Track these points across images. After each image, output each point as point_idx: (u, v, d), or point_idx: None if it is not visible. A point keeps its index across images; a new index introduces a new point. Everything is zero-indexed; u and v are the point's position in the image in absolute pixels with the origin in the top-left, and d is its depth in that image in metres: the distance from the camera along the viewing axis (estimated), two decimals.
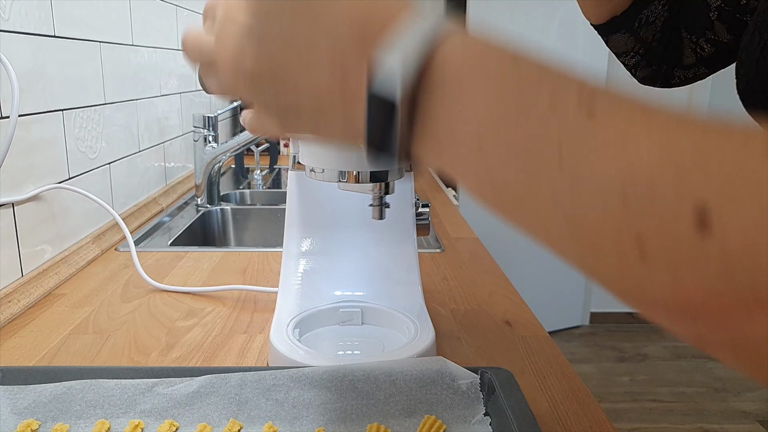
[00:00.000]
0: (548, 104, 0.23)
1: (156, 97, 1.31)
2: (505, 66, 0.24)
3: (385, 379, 0.49)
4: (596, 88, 0.23)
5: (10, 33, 0.75)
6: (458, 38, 0.26)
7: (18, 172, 0.77)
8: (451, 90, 0.25)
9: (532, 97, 0.23)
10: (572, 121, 0.22)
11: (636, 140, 0.20)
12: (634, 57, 0.61)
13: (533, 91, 0.23)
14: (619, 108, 0.22)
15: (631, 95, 0.22)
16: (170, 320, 0.72)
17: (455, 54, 0.25)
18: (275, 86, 0.29)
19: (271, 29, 0.28)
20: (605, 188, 0.21)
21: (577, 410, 0.54)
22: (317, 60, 0.27)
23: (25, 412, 0.48)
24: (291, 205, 0.67)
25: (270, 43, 0.28)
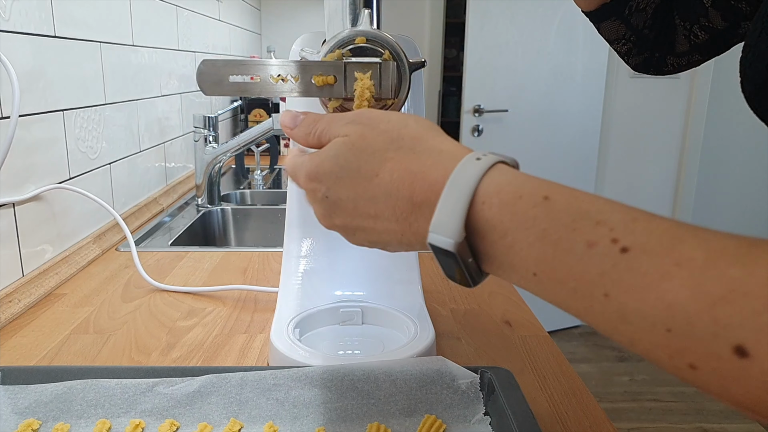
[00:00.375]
0: (584, 243, 0.26)
1: (156, 98, 1.31)
2: (539, 207, 0.28)
3: (385, 379, 0.50)
4: (626, 220, 0.26)
5: (11, 33, 0.75)
6: (492, 186, 0.30)
7: (18, 172, 0.78)
8: (496, 232, 0.29)
9: (569, 236, 0.27)
10: (609, 256, 0.25)
11: (669, 277, 0.23)
12: (625, 44, 0.61)
13: (568, 230, 0.27)
14: (649, 240, 0.24)
15: (662, 224, 0.25)
16: (171, 320, 0.73)
17: (493, 202, 0.30)
18: (358, 232, 0.37)
19: (342, 206, 0.36)
20: (650, 319, 0.24)
21: (576, 410, 0.54)
22: (384, 215, 0.34)
23: (26, 411, 0.48)
24: (291, 205, 0.67)
25: (344, 214, 0.36)
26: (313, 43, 0.57)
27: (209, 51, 1.79)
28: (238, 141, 1.25)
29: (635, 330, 0.24)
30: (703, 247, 0.23)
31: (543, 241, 0.27)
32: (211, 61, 0.41)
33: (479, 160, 0.31)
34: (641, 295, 0.24)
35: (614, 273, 0.25)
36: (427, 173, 0.33)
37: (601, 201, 0.27)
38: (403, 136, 0.35)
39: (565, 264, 0.27)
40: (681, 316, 0.22)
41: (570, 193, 0.28)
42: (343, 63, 0.41)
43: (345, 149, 0.36)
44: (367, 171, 0.35)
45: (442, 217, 0.31)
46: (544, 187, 0.29)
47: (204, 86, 0.41)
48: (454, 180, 0.31)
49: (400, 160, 0.34)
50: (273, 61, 0.41)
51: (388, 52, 0.42)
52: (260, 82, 0.41)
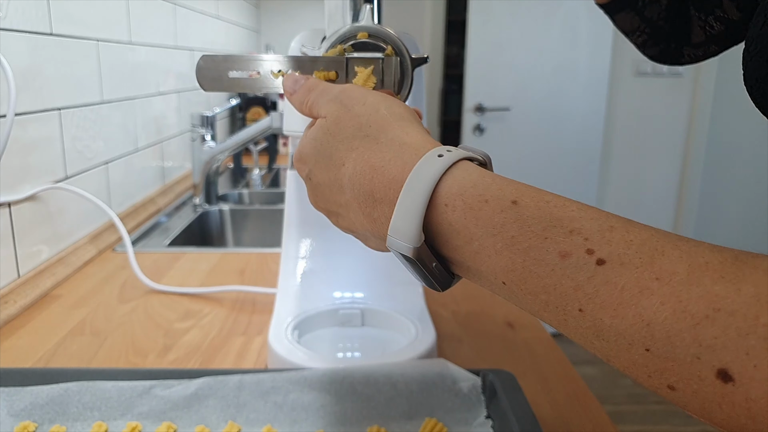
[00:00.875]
0: (557, 253, 0.24)
1: (153, 96, 1.31)
2: (507, 212, 0.26)
3: (385, 382, 0.49)
4: (603, 229, 0.24)
5: (7, 31, 0.74)
6: (455, 187, 0.28)
7: (14, 172, 0.77)
8: (460, 237, 0.28)
9: (539, 245, 0.25)
10: (583, 269, 0.23)
11: (649, 293, 0.22)
12: (640, 36, 0.60)
13: (539, 238, 0.25)
14: (627, 252, 0.23)
15: (641, 234, 0.23)
16: (168, 322, 0.72)
17: (456, 204, 0.28)
18: (339, 218, 0.36)
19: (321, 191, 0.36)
20: (627, 337, 0.22)
21: (579, 413, 0.53)
22: (352, 207, 0.33)
23: (22, 414, 0.47)
24: (290, 205, 0.66)
25: (323, 198, 0.36)
26: (312, 40, 0.57)
27: (207, 49, 1.78)
28: (236, 140, 1.24)
29: (611, 347, 0.23)
30: (686, 261, 0.22)
31: (511, 250, 0.26)
32: (210, 57, 0.40)
33: (441, 156, 0.29)
34: (618, 311, 0.22)
35: (589, 287, 0.23)
36: (386, 168, 0.30)
37: (574, 206, 0.25)
38: (371, 123, 0.33)
39: (535, 275, 0.25)
40: (661, 335, 0.21)
41: (540, 197, 0.26)
42: (345, 58, 0.41)
43: (321, 133, 0.35)
44: (336, 159, 0.33)
45: (399, 221, 0.29)
46: (511, 189, 0.27)
47: (203, 82, 0.40)
48: (413, 179, 0.29)
49: (364, 151, 0.32)
50: (273, 57, 0.40)
51: (390, 48, 0.41)
52: (260, 77, 0.40)
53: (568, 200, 0.26)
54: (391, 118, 0.33)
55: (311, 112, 0.37)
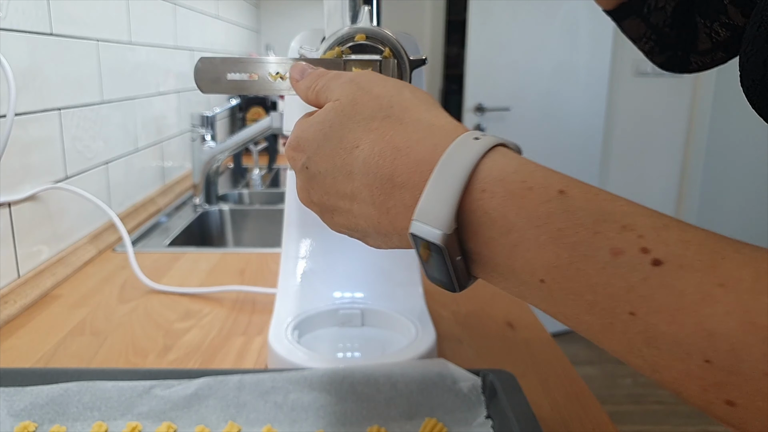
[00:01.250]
0: (608, 250, 0.22)
1: (153, 96, 1.31)
2: (553, 202, 0.24)
3: (385, 382, 0.49)
4: (657, 227, 0.22)
5: (7, 31, 0.75)
6: (495, 172, 0.26)
7: (14, 172, 0.77)
8: (496, 227, 0.25)
9: (589, 240, 0.23)
10: (638, 268, 0.21)
11: (712, 301, 0.20)
12: (647, 43, 0.60)
13: (589, 231, 0.23)
14: (686, 253, 0.21)
15: (698, 235, 0.22)
16: (168, 322, 0.72)
17: (495, 191, 0.25)
18: (335, 214, 0.33)
19: (320, 181, 0.32)
20: (684, 347, 0.20)
21: (579, 413, 0.53)
22: (360, 194, 0.30)
23: (22, 414, 0.47)
24: (290, 206, 0.66)
25: (321, 190, 0.33)
26: (312, 40, 0.57)
27: (207, 49, 1.78)
28: (236, 140, 1.24)
29: (662, 356, 0.21)
30: (751, 267, 0.20)
31: (557, 244, 0.23)
32: (208, 59, 0.40)
33: (477, 139, 0.27)
34: (676, 318, 0.20)
35: (644, 289, 0.21)
36: (413, 149, 0.28)
37: (623, 201, 0.24)
38: (394, 104, 0.31)
39: (583, 272, 0.23)
40: (725, 347, 0.19)
41: (588, 188, 0.24)
42: (343, 60, 0.41)
43: (333, 114, 0.32)
44: (349, 141, 0.31)
45: (429, 203, 0.26)
46: (557, 178, 0.25)
47: (201, 84, 0.40)
48: (448, 160, 0.26)
49: (385, 131, 0.30)
50: (271, 59, 0.40)
51: (388, 50, 0.41)
52: (258, 79, 0.40)
53: (615, 195, 0.24)
54: (416, 100, 0.31)
55: (318, 97, 0.35)
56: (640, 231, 0.22)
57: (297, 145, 0.34)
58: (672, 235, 0.22)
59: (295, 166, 0.34)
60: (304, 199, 0.35)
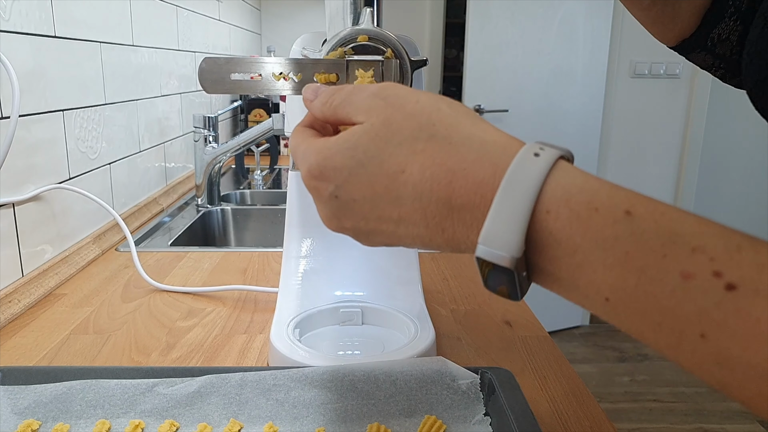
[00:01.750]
0: (679, 273, 0.22)
1: (156, 98, 1.31)
2: (620, 224, 0.23)
3: (385, 379, 0.49)
4: (730, 249, 0.21)
5: (11, 33, 0.75)
6: (559, 192, 0.25)
7: (18, 173, 0.77)
8: (561, 248, 0.25)
9: (658, 264, 0.22)
10: (710, 293, 0.21)
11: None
12: (717, 71, 0.58)
13: (658, 256, 0.22)
14: (761, 278, 0.20)
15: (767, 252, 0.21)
16: (170, 320, 0.72)
17: (560, 212, 0.25)
18: (373, 235, 0.32)
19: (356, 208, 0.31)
20: (759, 369, 0.20)
21: (577, 410, 0.54)
22: (412, 218, 0.29)
23: (26, 412, 0.48)
24: (291, 206, 0.67)
25: (358, 216, 0.31)
26: (313, 43, 0.57)
27: (209, 51, 1.79)
28: (238, 141, 1.25)
29: (735, 377, 0.21)
30: None
31: (624, 267, 0.23)
32: (212, 59, 0.40)
33: (538, 156, 0.26)
34: (751, 344, 0.20)
35: (717, 313, 0.21)
36: (470, 171, 0.27)
37: (692, 219, 0.23)
38: (435, 122, 0.29)
39: (650, 295, 0.22)
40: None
41: (654, 207, 0.23)
42: (346, 61, 0.41)
43: (366, 139, 0.30)
44: (391, 166, 0.29)
45: (495, 227, 0.25)
46: (622, 197, 0.24)
47: (205, 84, 0.41)
48: (511, 181, 0.25)
49: (434, 153, 0.28)
50: (274, 59, 0.41)
51: (390, 50, 0.42)
52: (262, 80, 0.41)
53: (683, 212, 0.23)
54: (458, 115, 0.30)
55: (337, 112, 0.33)
56: (712, 253, 0.21)
57: (320, 173, 0.31)
58: (746, 257, 0.21)
59: (321, 196, 0.32)
60: (335, 226, 0.33)
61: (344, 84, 0.41)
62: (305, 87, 0.36)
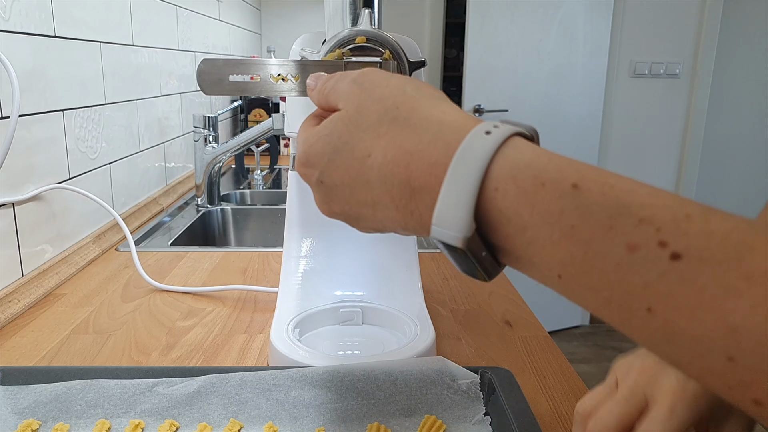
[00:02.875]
0: (624, 245, 0.21)
1: (156, 97, 1.31)
2: (566, 198, 0.23)
3: (385, 379, 0.49)
4: (678, 219, 0.21)
5: (11, 33, 0.75)
6: (507, 168, 0.25)
7: (18, 172, 0.78)
8: (511, 225, 0.25)
9: (604, 236, 0.22)
10: (655, 264, 0.20)
11: (736, 295, 0.19)
12: None
13: (603, 227, 0.22)
14: (708, 246, 0.20)
15: (725, 224, 0.20)
16: (170, 320, 0.72)
17: (508, 189, 0.25)
18: (360, 220, 0.33)
19: (338, 193, 0.32)
20: (705, 343, 0.19)
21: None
22: (382, 202, 0.30)
23: (26, 412, 0.48)
24: (291, 205, 0.67)
25: (341, 201, 0.32)
26: (313, 43, 0.57)
27: (209, 51, 1.79)
28: (238, 141, 1.25)
29: (684, 353, 0.20)
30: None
31: (571, 241, 0.23)
32: (211, 60, 0.40)
33: (489, 134, 0.26)
34: (696, 314, 0.19)
35: (661, 284, 0.20)
36: (425, 152, 0.27)
37: (643, 191, 0.22)
38: (399, 105, 0.29)
39: (598, 270, 0.22)
40: (749, 344, 0.18)
41: (603, 180, 0.23)
42: (344, 62, 0.41)
43: (340, 125, 0.31)
44: (360, 151, 0.30)
45: (446, 209, 0.26)
46: (571, 171, 0.24)
47: (204, 85, 0.41)
48: (459, 161, 0.25)
49: (395, 136, 0.29)
50: (273, 61, 0.41)
51: (388, 52, 0.42)
52: (260, 81, 0.41)
53: (636, 183, 0.23)
54: (421, 97, 0.30)
55: (328, 100, 0.34)
56: (658, 224, 0.21)
57: (306, 160, 0.33)
58: (693, 226, 0.20)
59: (310, 182, 0.34)
60: (326, 211, 0.34)
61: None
62: (310, 75, 0.37)
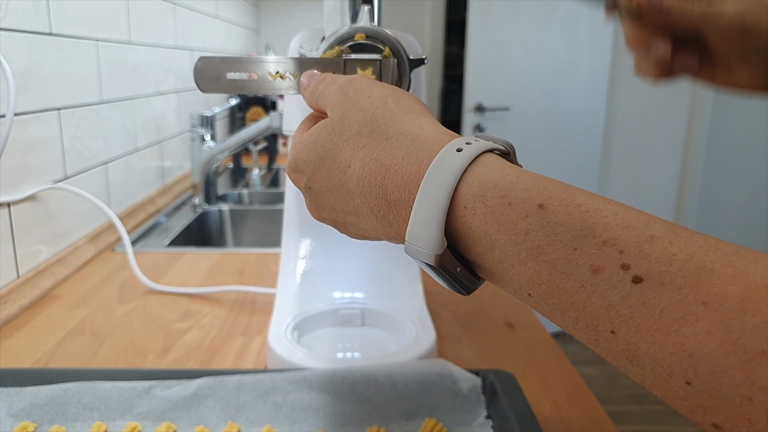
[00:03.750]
0: (587, 267, 0.22)
1: (153, 96, 1.31)
2: (532, 218, 0.23)
3: (385, 382, 0.49)
4: (641, 240, 0.21)
5: (7, 31, 0.74)
6: (476, 187, 0.25)
7: (14, 172, 0.77)
8: (481, 243, 0.25)
9: (568, 257, 0.22)
10: (617, 286, 0.21)
11: (693, 320, 0.19)
12: None
13: (568, 248, 0.22)
14: (669, 269, 0.20)
15: (688, 246, 0.20)
16: (167, 322, 0.72)
17: (476, 207, 0.25)
18: (347, 227, 0.33)
19: (324, 200, 0.33)
20: (665, 367, 0.20)
21: (580, 413, 0.53)
22: (363, 212, 0.30)
23: (21, 414, 0.47)
24: (289, 206, 0.66)
25: (328, 208, 0.33)
26: (312, 40, 0.57)
27: (206, 48, 1.78)
28: (236, 140, 1.24)
29: (647, 375, 0.21)
30: (740, 282, 0.19)
31: (537, 261, 0.23)
32: (208, 58, 0.40)
33: (460, 151, 0.26)
34: (656, 337, 0.20)
35: (623, 307, 0.20)
36: (399, 167, 0.28)
37: (608, 210, 0.22)
38: (378, 117, 0.30)
39: (563, 290, 0.22)
40: (705, 369, 0.19)
41: (570, 199, 0.23)
42: (343, 59, 0.41)
43: (325, 133, 0.32)
44: (342, 160, 0.30)
45: (417, 225, 0.26)
46: (538, 190, 0.24)
47: (201, 83, 0.40)
48: (429, 179, 0.26)
49: (372, 148, 0.29)
50: (271, 58, 0.40)
51: (388, 49, 0.41)
52: (258, 79, 0.40)
53: (602, 202, 0.23)
54: (400, 110, 0.30)
55: (318, 103, 0.35)
56: (621, 246, 0.21)
57: (296, 166, 0.34)
58: (656, 248, 0.21)
59: (299, 187, 0.34)
60: (316, 216, 0.35)
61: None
62: (304, 73, 0.38)
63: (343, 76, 0.34)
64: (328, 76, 0.36)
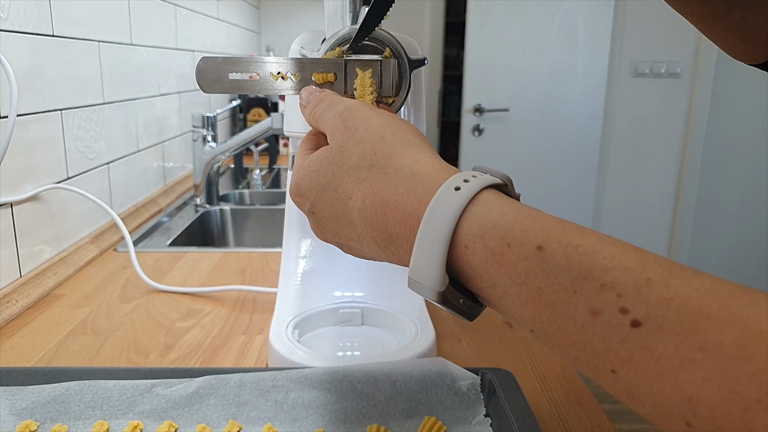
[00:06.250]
0: (587, 310, 0.22)
1: (155, 97, 1.31)
2: (531, 260, 0.24)
3: (385, 380, 0.49)
4: (639, 284, 0.21)
5: (9, 32, 0.75)
6: (475, 227, 0.26)
7: (16, 172, 0.77)
8: (483, 281, 0.26)
9: (568, 300, 0.23)
10: (616, 329, 0.21)
11: (691, 366, 0.19)
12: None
13: (567, 291, 0.23)
14: (666, 315, 0.20)
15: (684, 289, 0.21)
16: (169, 321, 0.72)
17: (476, 247, 0.25)
18: (350, 249, 0.34)
19: (328, 225, 0.33)
20: (665, 408, 0.20)
21: (578, 411, 0.54)
22: (365, 240, 0.31)
23: (24, 413, 0.47)
24: (290, 206, 0.67)
25: (332, 232, 0.34)
26: (313, 41, 0.57)
27: (208, 50, 1.79)
28: (237, 140, 1.24)
29: (647, 413, 0.21)
30: (737, 328, 0.19)
31: (538, 302, 0.23)
32: (210, 59, 0.40)
33: (458, 189, 0.26)
34: (655, 380, 0.20)
35: (623, 350, 0.21)
36: (400, 203, 0.28)
37: (606, 251, 0.23)
38: (377, 151, 0.31)
39: (564, 330, 0.23)
40: (704, 414, 0.19)
41: (568, 240, 0.24)
42: (344, 60, 0.41)
43: (326, 163, 0.32)
44: (343, 191, 0.31)
45: (418, 263, 0.27)
46: (536, 231, 0.24)
47: (203, 84, 0.40)
48: (429, 219, 0.26)
49: (372, 183, 0.30)
50: (273, 59, 0.41)
51: (388, 50, 0.42)
52: (260, 79, 0.41)
53: (600, 242, 0.23)
54: (398, 144, 0.31)
55: (317, 124, 0.35)
56: (620, 289, 0.21)
57: (298, 191, 0.35)
58: (653, 292, 0.21)
59: (303, 210, 0.35)
60: (320, 237, 0.36)
61: (341, 85, 0.41)
62: (303, 89, 0.38)
63: (341, 101, 0.35)
64: (327, 96, 0.36)
